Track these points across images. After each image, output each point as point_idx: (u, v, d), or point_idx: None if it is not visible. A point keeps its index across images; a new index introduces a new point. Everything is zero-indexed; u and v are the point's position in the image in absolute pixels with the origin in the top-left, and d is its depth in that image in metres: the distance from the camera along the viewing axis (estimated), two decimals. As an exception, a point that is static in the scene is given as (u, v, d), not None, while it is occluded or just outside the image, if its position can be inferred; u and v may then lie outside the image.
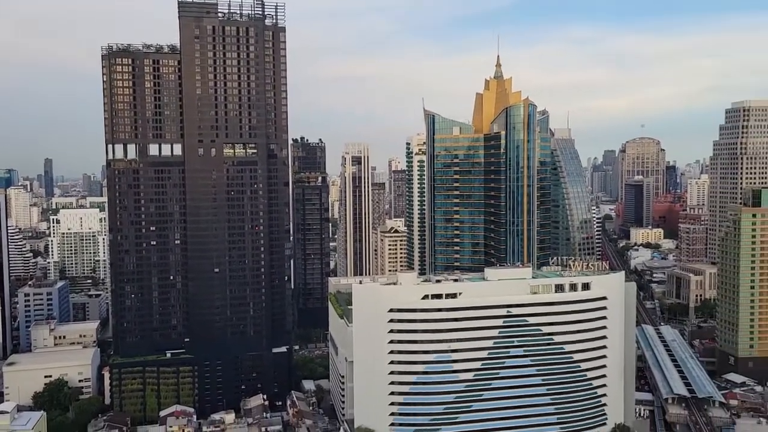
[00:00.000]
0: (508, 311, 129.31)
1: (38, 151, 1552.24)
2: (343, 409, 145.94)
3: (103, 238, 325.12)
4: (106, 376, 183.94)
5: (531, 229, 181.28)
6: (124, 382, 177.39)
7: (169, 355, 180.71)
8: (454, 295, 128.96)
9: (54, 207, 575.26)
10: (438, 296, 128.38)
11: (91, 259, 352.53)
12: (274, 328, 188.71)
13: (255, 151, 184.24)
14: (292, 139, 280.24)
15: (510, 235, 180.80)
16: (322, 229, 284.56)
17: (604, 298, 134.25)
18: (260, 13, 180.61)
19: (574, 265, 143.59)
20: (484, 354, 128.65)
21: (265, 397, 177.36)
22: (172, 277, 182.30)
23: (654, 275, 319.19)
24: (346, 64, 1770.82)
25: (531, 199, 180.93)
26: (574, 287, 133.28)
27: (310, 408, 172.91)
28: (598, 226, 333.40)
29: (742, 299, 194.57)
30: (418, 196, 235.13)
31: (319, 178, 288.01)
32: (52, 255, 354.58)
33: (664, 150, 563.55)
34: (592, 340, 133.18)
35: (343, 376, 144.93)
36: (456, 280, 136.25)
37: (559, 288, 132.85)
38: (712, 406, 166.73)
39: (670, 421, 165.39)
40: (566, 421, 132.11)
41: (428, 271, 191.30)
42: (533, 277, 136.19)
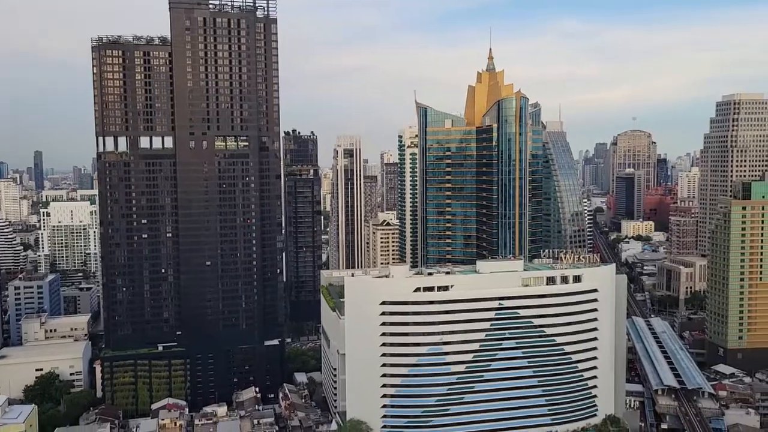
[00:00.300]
0: (500, 304, 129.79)
1: (28, 143, 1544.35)
2: (336, 401, 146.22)
3: (94, 231, 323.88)
4: (98, 369, 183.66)
5: (523, 221, 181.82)
6: (116, 376, 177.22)
7: (160, 349, 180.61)
8: (445, 288, 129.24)
9: (44, 200, 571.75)
10: (430, 289, 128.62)
11: (81, 253, 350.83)
12: (266, 321, 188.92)
13: (246, 144, 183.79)
14: (284, 132, 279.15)
15: (502, 227, 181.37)
16: (314, 221, 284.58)
17: (595, 291, 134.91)
18: (251, 4, 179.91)
19: (565, 258, 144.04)
20: (475, 346, 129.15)
21: (258, 389, 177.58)
22: (163, 270, 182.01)
23: (644, 267, 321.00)
24: (338, 57, 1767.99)
25: (523, 192, 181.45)
26: (565, 280, 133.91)
27: (303, 400, 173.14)
28: (589, 219, 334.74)
29: (732, 291, 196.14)
30: (410, 189, 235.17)
31: (311, 171, 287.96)
32: (43, 248, 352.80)
33: (655, 143, 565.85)
34: (583, 332, 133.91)
35: (336, 369, 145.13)
36: (448, 273, 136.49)
37: (551, 280, 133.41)
38: (702, 397, 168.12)
39: (659, 412, 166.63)
40: (557, 412, 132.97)
41: (420, 264, 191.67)
42: (525, 270, 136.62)
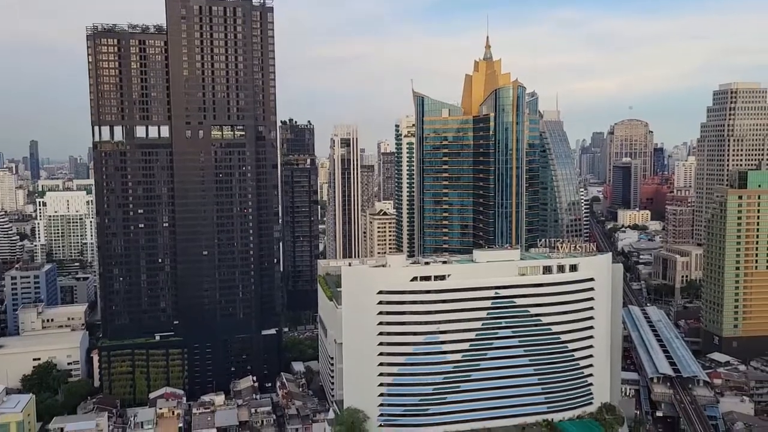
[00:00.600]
0: (497, 293, 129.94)
1: (23, 133, 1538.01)
2: (333, 390, 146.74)
3: (91, 221, 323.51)
4: (95, 358, 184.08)
5: (519, 211, 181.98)
6: (113, 365, 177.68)
7: (158, 338, 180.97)
8: (442, 277, 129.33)
9: (40, 189, 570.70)
10: (427, 278, 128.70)
11: (78, 242, 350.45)
12: (264, 311, 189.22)
13: (243, 133, 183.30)
14: (281, 121, 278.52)
15: (498, 217, 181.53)
16: (311, 211, 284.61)
17: (592, 280, 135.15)
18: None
19: (561, 247, 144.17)
20: (472, 335, 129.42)
21: (255, 378, 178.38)
22: (160, 260, 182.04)
23: (641, 257, 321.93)
24: (334, 46, 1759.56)
25: (519, 182, 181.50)
26: (561, 269, 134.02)
27: (300, 389, 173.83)
28: (586, 208, 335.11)
29: (727, 280, 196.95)
30: (407, 179, 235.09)
31: (308, 161, 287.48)
32: (39, 238, 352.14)
33: (652, 132, 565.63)
34: (579, 321, 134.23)
35: (333, 358, 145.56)
36: (445, 262, 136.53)
37: (547, 270, 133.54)
38: (697, 385, 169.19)
39: (655, 400, 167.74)
40: (553, 400, 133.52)
41: (417, 253, 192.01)
42: (521, 259, 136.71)
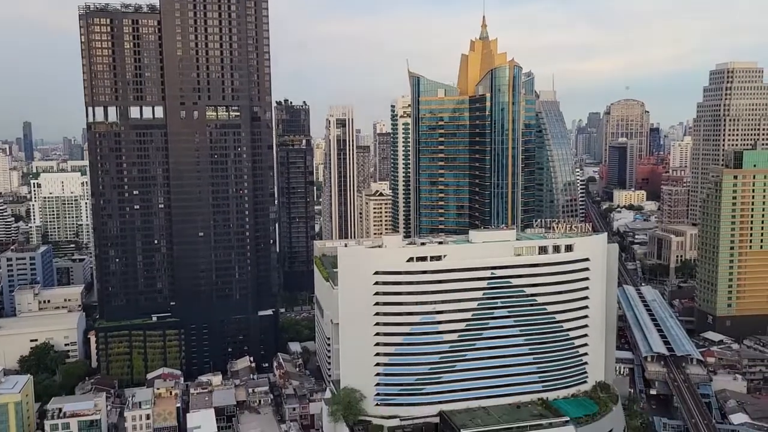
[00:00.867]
0: (492, 273, 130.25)
1: (16, 114, 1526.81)
2: (330, 370, 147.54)
3: (86, 202, 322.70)
4: (92, 340, 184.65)
5: (515, 191, 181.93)
6: (111, 346, 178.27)
7: (155, 319, 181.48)
8: (438, 258, 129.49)
9: (34, 171, 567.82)
10: (423, 259, 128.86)
11: (73, 224, 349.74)
12: (260, 292, 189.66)
13: (238, 114, 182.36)
14: (276, 102, 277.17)
15: (494, 197, 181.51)
16: (306, 192, 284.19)
17: (587, 260, 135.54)
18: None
19: (557, 227, 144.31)
20: (468, 315, 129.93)
21: (252, 359, 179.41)
22: (156, 241, 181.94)
23: (636, 237, 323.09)
24: (330, 26, 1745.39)
25: (515, 162, 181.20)
26: (557, 249, 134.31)
27: (297, 369, 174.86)
28: (581, 189, 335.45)
29: (722, 260, 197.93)
30: (403, 159, 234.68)
31: (304, 141, 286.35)
32: (34, 219, 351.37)
33: (648, 112, 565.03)
34: (575, 301, 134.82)
35: (329, 338, 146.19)
36: (441, 243, 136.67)
37: (543, 250, 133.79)
38: (690, 364, 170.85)
39: (648, 378, 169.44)
40: (548, 379, 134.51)
41: (413, 234, 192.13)
42: (517, 240, 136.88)
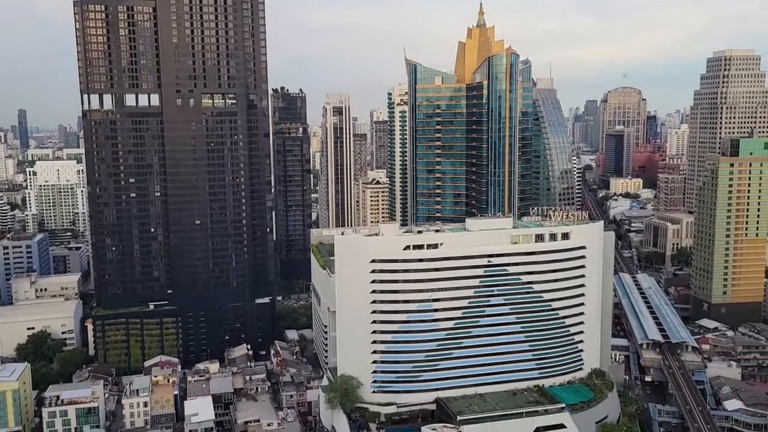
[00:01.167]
0: (489, 261, 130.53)
1: (11, 101, 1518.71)
2: (327, 357, 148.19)
3: (82, 191, 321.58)
4: (89, 328, 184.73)
5: (512, 179, 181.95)
6: (108, 334, 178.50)
7: (152, 307, 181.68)
8: (435, 246, 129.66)
9: (30, 159, 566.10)
10: (419, 247, 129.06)
11: (70, 212, 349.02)
12: (257, 280, 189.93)
13: (234, 102, 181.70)
14: (272, 90, 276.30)
15: (491, 185, 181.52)
16: (303, 180, 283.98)
17: (583, 248, 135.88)
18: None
19: (554, 215, 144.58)
20: (464, 303, 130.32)
21: (249, 346, 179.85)
22: (153, 229, 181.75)
23: (632, 225, 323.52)
24: (326, 13, 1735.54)
25: (512, 150, 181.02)
26: (553, 237, 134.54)
27: (294, 357, 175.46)
28: (578, 177, 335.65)
29: (717, 247, 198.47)
30: (400, 147, 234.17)
31: (300, 129, 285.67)
32: (30, 208, 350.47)
33: (645, 100, 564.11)
34: (571, 289, 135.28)
35: (326, 326, 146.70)
36: (437, 231, 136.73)
37: (539, 238, 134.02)
38: (685, 351, 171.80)
39: (644, 365, 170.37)
40: (544, 366, 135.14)
41: (410, 222, 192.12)
42: (514, 228, 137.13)
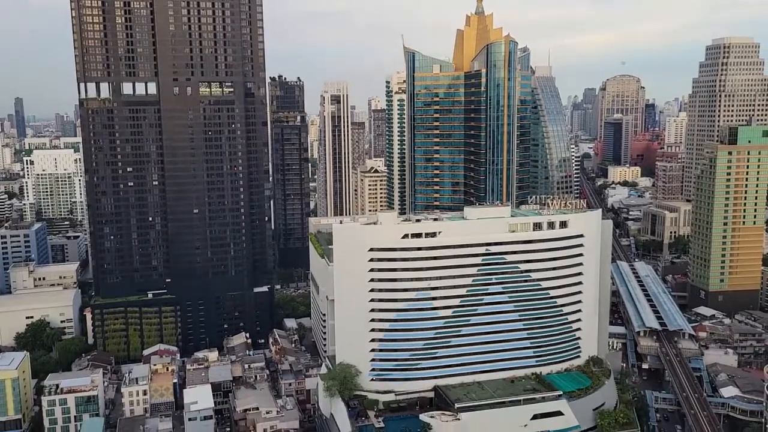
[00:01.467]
0: (487, 249, 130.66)
1: (7, 90, 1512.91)
2: (325, 345, 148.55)
3: (79, 180, 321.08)
4: (88, 316, 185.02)
5: (510, 168, 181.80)
6: (107, 323, 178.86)
7: (150, 296, 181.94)
8: (433, 234, 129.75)
9: (27, 148, 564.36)
10: (418, 235, 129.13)
11: (67, 201, 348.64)
12: (255, 268, 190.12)
13: (232, 90, 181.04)
14: (270, 78, 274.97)
15: (489, 174, 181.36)
16: (301, 169, 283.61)
17: (581, 236, 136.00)
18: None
19: (552, 204, 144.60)
20: (462, 291, 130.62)
21: (248, 335, 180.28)
22: (151, 218, 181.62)
23: (630, 213, 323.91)
24: (324, 0, 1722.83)
25: (511, 138, 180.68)
26: (551, 225, 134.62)
27: (292, 345, 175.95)
28: (576, 165, 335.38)
29: (715, 235, 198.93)
30: (398, 136, 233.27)
31: (298, 118, 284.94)
32: (28, 196, 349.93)
33: (644, 88, 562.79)
34: (569, 277, 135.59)
35: (325, 314, 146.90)
36: (436, 220, 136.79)
37: (537, 226, 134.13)
38: (682, 338, 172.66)
39: (641, 353, 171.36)
40: (542, 354, 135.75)
41: (408, 211, 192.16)
42: (512, 216, 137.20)
